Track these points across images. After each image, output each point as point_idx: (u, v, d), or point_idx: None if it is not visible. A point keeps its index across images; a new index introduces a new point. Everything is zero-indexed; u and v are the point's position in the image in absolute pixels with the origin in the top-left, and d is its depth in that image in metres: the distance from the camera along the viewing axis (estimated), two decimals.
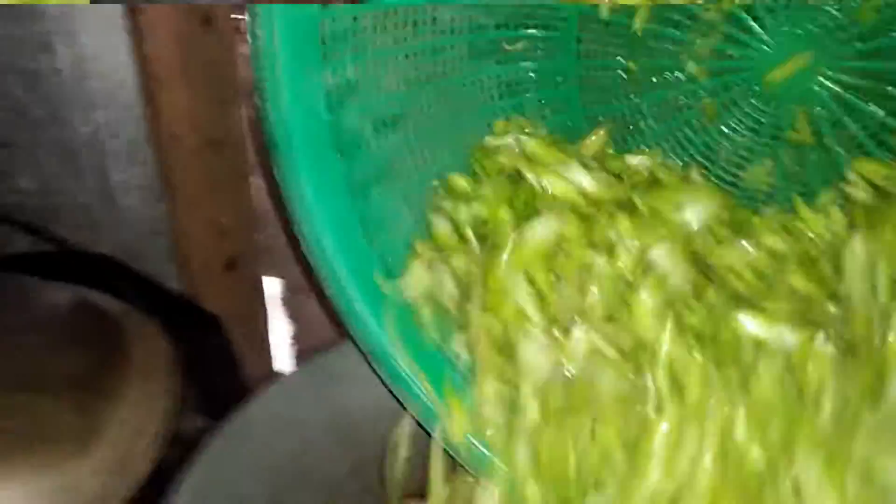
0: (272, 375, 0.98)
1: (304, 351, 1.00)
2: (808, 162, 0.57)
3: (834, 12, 0.53)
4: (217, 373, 0.82)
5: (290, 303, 1.02)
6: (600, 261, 0.43)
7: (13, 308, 0.52)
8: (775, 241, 0.46)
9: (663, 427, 0.38)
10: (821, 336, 0.39)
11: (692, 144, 0.61)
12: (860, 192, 0.48)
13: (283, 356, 1.03)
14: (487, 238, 0.45)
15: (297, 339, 1.03)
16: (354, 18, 0.43)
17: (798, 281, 0.43)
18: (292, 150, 0.40)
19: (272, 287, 1.01)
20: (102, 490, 0.45)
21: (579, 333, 0.41)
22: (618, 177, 0.51)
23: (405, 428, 0.46)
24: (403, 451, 0.47)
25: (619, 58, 0.60)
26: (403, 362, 0.44)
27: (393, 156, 0.47)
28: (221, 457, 0.49)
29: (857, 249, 0.41)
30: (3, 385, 0.47)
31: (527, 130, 0.54)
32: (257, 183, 0.91)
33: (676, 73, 0.59)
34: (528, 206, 0.47)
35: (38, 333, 0.51)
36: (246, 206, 0.93)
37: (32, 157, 0.84)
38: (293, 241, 0.45)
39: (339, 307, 0.44)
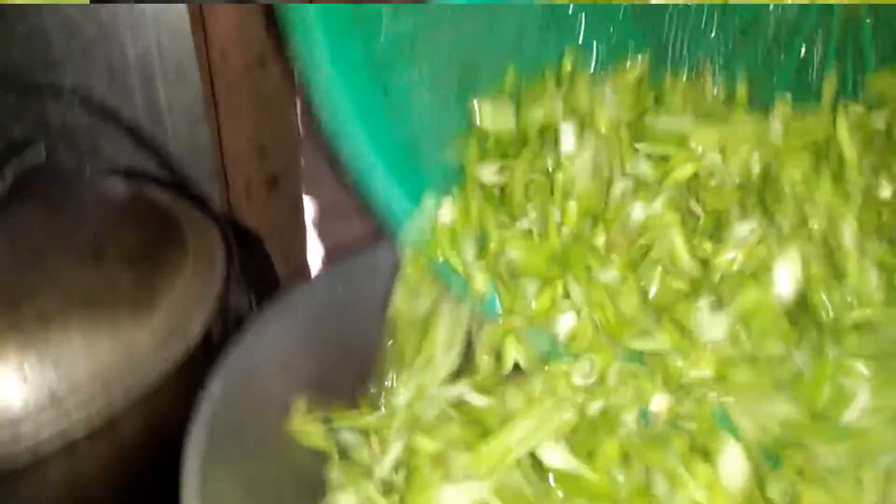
0: None
1: None
2: None
3: None
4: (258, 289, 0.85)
5: (330, 224, 1.05)
6: None
7: (75, 193, 0.55)
8: None
9: None
10: None
11: None
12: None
13: None
14: None
15: (336, 259, 1.05)
16: None
17: None
18: (310, 28, 0.40)
19: (312, 208, 1.04)
20: (157, 353, 0.49)
21: None
22: None
23: None
24: None
25: None
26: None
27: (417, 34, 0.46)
28: (270, 331, 0.51)
29: None
30: (66, 254, 0.50)
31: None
32: (302, 103, 0.93)
33: None
34: None
35: (99, 213, 0.54)
36: (289, 125, 0.95)
37: (83, 75, 0.86)
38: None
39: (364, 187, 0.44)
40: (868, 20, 0.54)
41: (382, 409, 0.50)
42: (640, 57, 0.53)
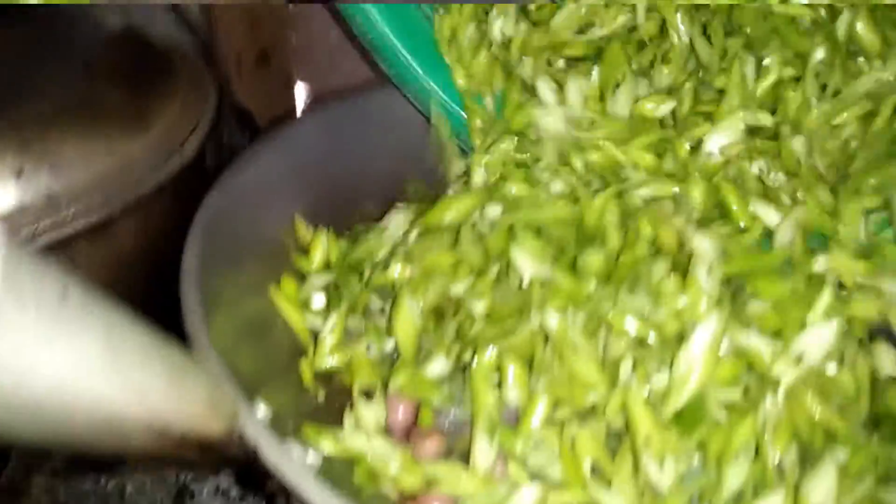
0: None
1: None
2: None
3: None
4: None
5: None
6: None
7: (72, 16, 0.55)
8: None
9: None
10: None
11: None
12: None
13: None
14: None
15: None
16: None
17: None
18: None
19: (304, 89, 1.03)
20: (151, 166, 0.50)
21: None
22: None
23: None
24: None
25: None
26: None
27: None
28: (262, 160, 0.53)
29: None
30: (63, 67, 0.50)
31: None
32: None
33: None
34: None
35: (95, 34, 0.54)
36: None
37: None
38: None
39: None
40: None
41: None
42: None
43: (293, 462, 0.34)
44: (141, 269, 0.50)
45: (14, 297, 0.22)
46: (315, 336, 0.48)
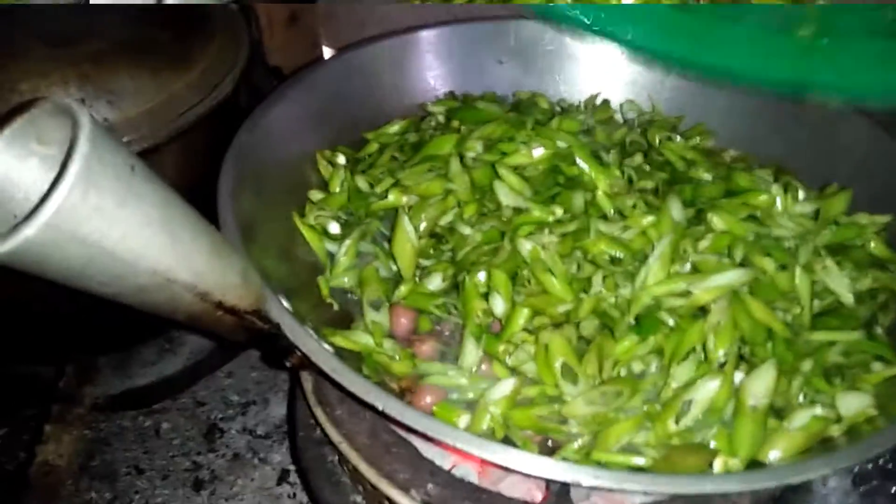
0: None
1: None
2: None
3: None
4: None
5: None
6: None
7: None
8: None
9: None
10: None
11: None
12: None
13: None
14: None
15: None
16: None
17: None
18: None
19: (328, 50, 1.10)
20: (193, 100, 0.57)
21: None
22: None
23: None
24: None
25: None
26: None
27: None
28: (288, 99, 0.59)
29: None
30: (112, 10, 0.57)
31: None
32: None
33: None
34: None
35: None
36: None
37: None
38: None
39: None
40: None
41: None
42: None
43: (309, 336, 0.41)
44: (181, 191, 0.56)
45: (97, 162, 0.29)
46: (331, 257, 0.55)
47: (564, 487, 0.47)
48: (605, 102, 0.67)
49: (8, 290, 0.58)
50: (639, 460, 0.42)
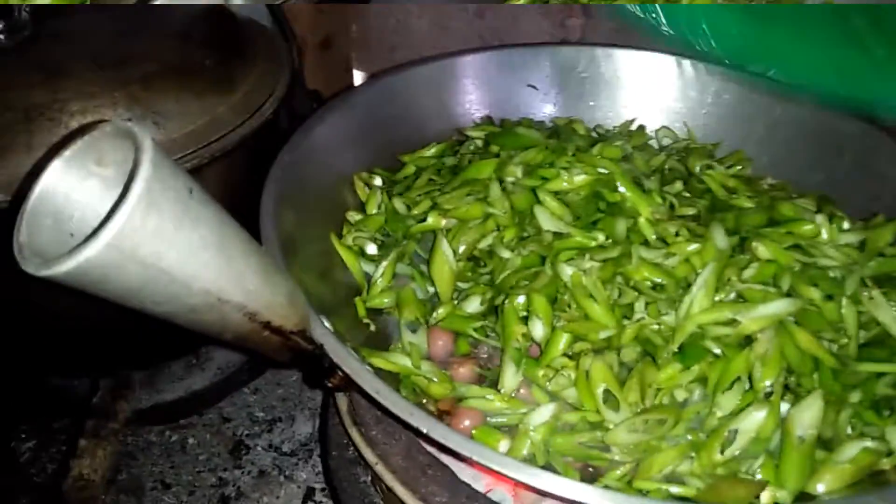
0: None
1: None
2: None
3: None
4: None
5: None
6: None
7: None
8: None
9: None
10: None
11: None
12: None
13: None
14: None
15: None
16: None
17: None
18: None
19: (359, 74, 1.11)
20: (236, 123, 0.58)
21: None
22: None
23: None
24: None
25: None
26: None
27: None
28: (328, 121, 0.60)
29: None
30: (161, 36, 0.59)
31: None
32: None
33: None
34: None
35: (188, 9, 0.63)
36: None
37: None
38: None
39: None
40: None
41: None
42: None
43: (352, 357, 0.41)
44: (227, 207, 0.57)
45: (158, 185, 0.29)
46: (368, 278, 0.55)
47: None
48: (641, 128, 0.67)
49: (45, 303, 0.59)
50: (683, 490, 0.41)
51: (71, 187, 0.33)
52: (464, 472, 0.50)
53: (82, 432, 0.69)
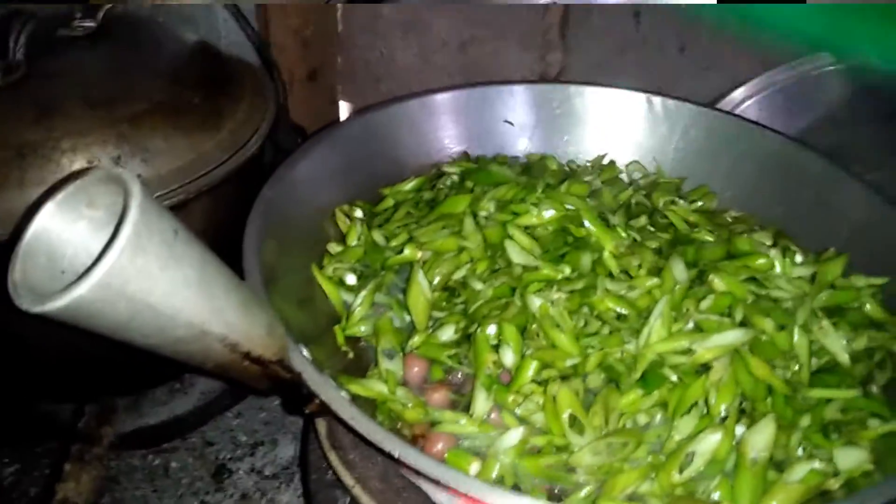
0: None
1: None
2: None
3: None
4: None
5: None
6: None
7: (153, 33, 0.66)
8: None
9: None
10: None
11: None
12: None
13: None
14: None
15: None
16: None
17: None
18: None
19: (346, 106, 1.14)
20: (222, 159, 0.60)
21: None
22: None
23: None
24: None
25: None
26: None
27: None
28: (311, 156, 0.62)
29: None
30: (149, 75, 0.61)
31: None
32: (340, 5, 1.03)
33: None
34: None
35: (174, 49, 0.65)
36: (328, 21, 1.05)
37: None
38: None
39: None
40: None
41: None
42: None
43: (329, 384, 0.43)
44: (208, 241, 0.60)
45: (145, 228, 0.32)
46: (347, 307, 0.58)
47: None
48: (612, 163, 0.70)
49: (33, 335, 0.61)
50: None
51: (63, 228, 0.35)
52: (438, 495, 0.52)
53: (67, 457, 0.71)
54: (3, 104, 0.58)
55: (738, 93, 0.94)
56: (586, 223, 0.56)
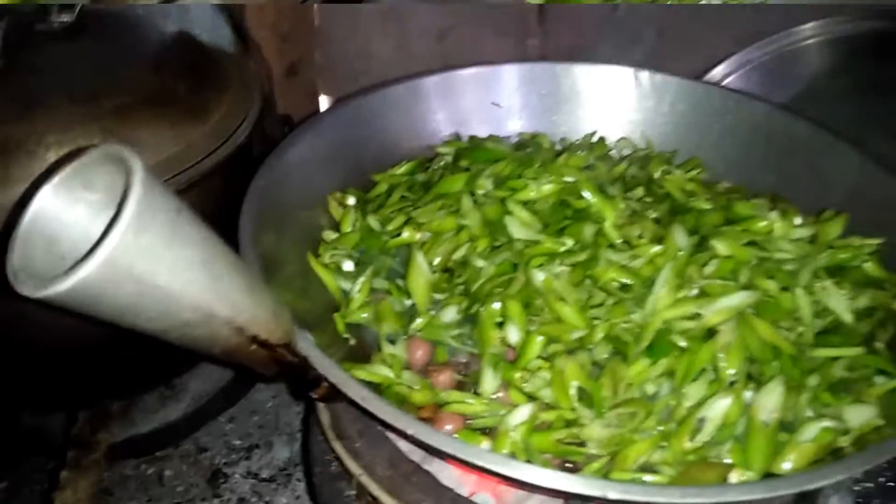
0: None
1: None
2: None
3: None
4: None
5: None
6: None
7: (135, 25, 0.65)
8: None
9: None
10: None
11: None
12: None
13: None
14: None
15: None
16: None
17: None
18: None
19: (326, 100, 1.14)
20: (210, 149, 0.59)
21: None
22: None
23: None
24: None
25: None
26: None
27: None
28: (301, 143, 0.61)
29: None
30: (133, 66, 0.60)
31: None
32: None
33: None
34: None
35: (157, 40, 0.64)
36: (304, 16, 1.04)
37: None
38: None
39: None
40: None
41: None
42: None
43: (338, 367, 0.43)
44: None
45: (149, 205, 0.31)
46: (345, 294, 0.57)
47: None
48: (601, 140, 0.70)
49: (19, 336, 0.59)
50: (657, 478, 0.43)
51: (61, 212, 0.34)
52: (447, 478, 0.51)
53: (63, 464, 0.69)
54: None
55: (717, 71, 0.95)
56: (586, 194, 0.55)
